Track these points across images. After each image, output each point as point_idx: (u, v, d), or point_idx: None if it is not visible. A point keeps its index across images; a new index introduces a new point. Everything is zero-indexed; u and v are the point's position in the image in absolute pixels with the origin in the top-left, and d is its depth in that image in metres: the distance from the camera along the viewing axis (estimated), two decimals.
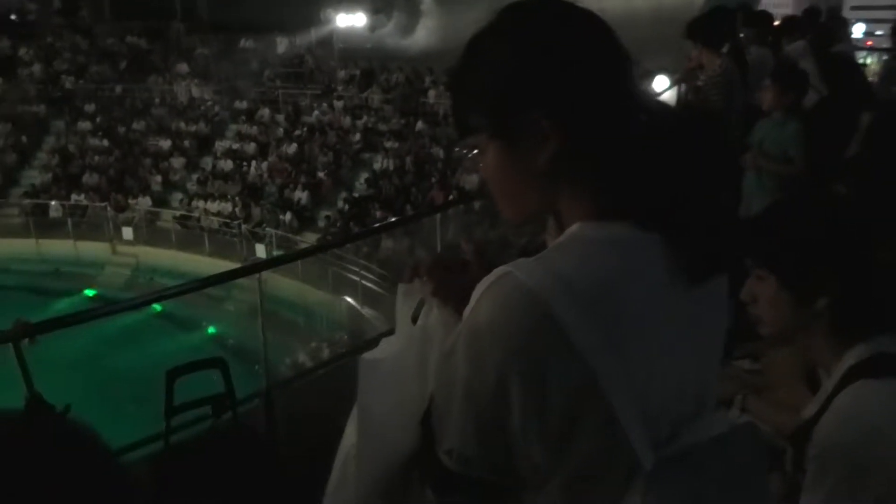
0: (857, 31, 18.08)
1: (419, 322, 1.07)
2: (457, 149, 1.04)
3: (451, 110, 1.03)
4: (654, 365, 0.88)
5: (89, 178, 20.01)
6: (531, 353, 0.84)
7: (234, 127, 21.62)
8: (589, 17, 0.95)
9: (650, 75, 7.10)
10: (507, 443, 0.88)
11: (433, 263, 1.09)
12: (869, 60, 8.66)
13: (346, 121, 20.65)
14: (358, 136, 20.06)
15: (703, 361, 0.98)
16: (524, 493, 0.92)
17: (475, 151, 1.00)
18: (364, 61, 22.89)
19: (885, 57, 7.88)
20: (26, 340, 2.60)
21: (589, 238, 0.91)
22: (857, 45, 11.12)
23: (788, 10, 11.28)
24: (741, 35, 5.40)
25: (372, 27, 26.17)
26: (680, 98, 5.67)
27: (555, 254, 0.90)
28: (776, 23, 6.26)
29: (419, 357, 1.04)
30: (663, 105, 1.12)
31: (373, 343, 1.12)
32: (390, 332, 1.13)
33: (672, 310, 0.91)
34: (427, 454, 0.96)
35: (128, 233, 18.44)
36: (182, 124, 21.75)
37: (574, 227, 0.93)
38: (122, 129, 21.71)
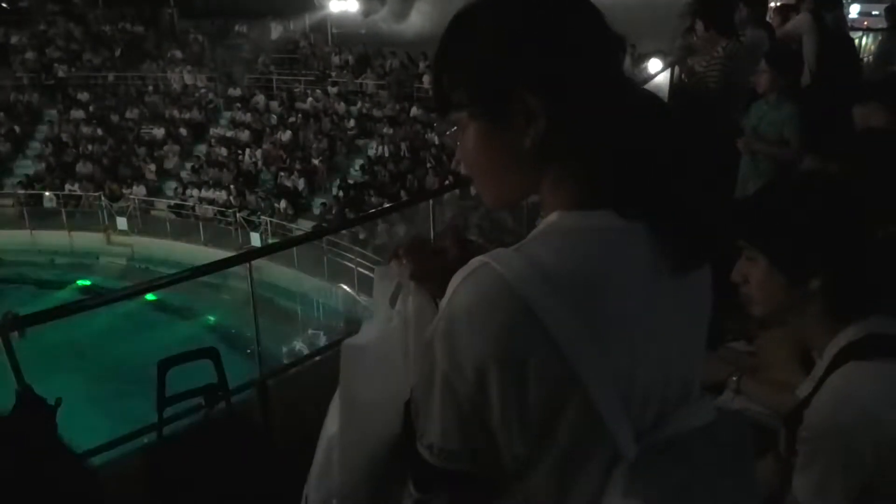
0: (853, 11, 18.02)
1: (397, 306, 1.05)
2: (447, 131, 1.01)
3: (432, 86, 1.00)
4: (638, 353, 0.87)
5: (83, 168, 19.89)
6: (509, 344, 0.82)
7: (228, 114, 21.50)
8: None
9: (645, 58, 7.06)
10: (487, 435, 0.87)
11: (411, 246, 1.07)
12: (865, 41, 8.62)
13: (341, 107, 20.56)
14: (352, 123, 19.97)
15: (688, 349, 0.98)
16: (506, 484, 0.92)
17: (454, 129, 0.97)
18: (358, 47, 22.76)
19: (880, 37, 7.86)
20: (15, 333, 2.58)
21: (568, 227, 0.90)
22: (854, 25, 11.08)
23: None
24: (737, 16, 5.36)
25: (366, 12, 26.00)
26: (674, 81, 5.64)
27: (533, 243, 0.88)
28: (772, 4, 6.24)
29: (401, 343, 1.03)
30: (651, 93, 1.10)
31: None
32: None
33: (656, 298, 0.90)
34: (408, 449, 0.95)
35: (122, 222, 18.34)
36: (176, 112, 21.62)
37: (553, 216, 0.92)
38: (115, 118, 21.58)
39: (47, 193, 19.22)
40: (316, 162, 18.90)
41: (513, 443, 0.87)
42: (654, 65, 6.74)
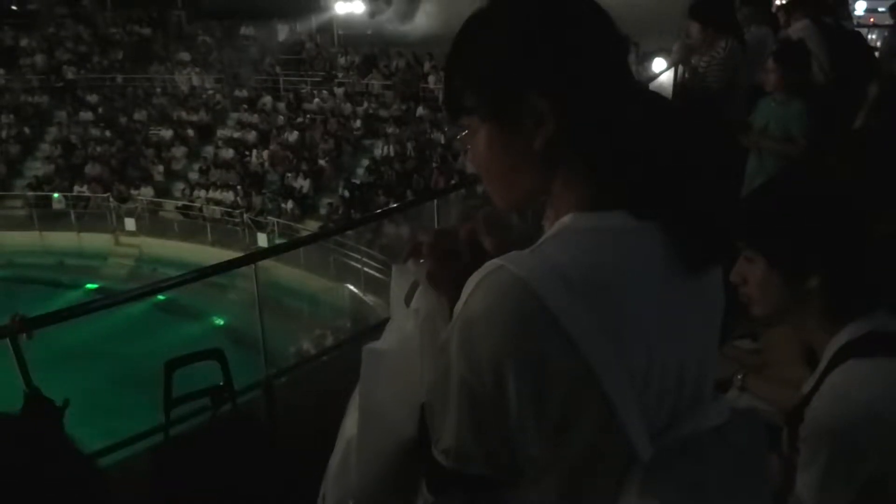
0: (860, 8, 17.93)
1: (412, 306, 1.04)
2: (458, 135, 1.02)
3: (444, 90, 1.00)
4: (652, 354, 0.87)
5: (91, 169, 19.97)
6: (526, 345, 0.83)
7: (234, 115, 21.55)
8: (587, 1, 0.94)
9: (649, 57, 7.04)
10: (503, 438, 0.88)
11: (431, 245, 1.06)
12: (871, 37, 8.59)
13: (347, 107, 20.58)
14: (359, 123, 19.99)
15: (701, 349, 0.98)
16: (520, 486, 0.92)
17: (465, 133, 0.98)
18: (364, 47, 22.78)
19: (885, 34, 7.83)
20: (24, 335, 2.59)
21: (582, 228, 0.90)
22: (860, 23, 11.03)
23: None
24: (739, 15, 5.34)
25: (371, 13, 26.02)
26: (677, 80, 5.62)
27: (548, 245, 0.89)
28: (777, 2, 6.19)
29: (420, 347, 1.03)
30: (659, 94, 1.11)
31: (375, 329, 1.11)
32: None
33: (670, 298, 0.90)
34: (422, 453, 0.95)
35: (130, 223, 18.43)
36: (183, 113, 21.69)
37: (567, 218, 0.92)
38: (123, 119, 21.67)
39: (56, 195, 19.32)
40: (322, 162, 18.93)
41: (529, 444, 0.87)
42: (658, 64, 6.72)
